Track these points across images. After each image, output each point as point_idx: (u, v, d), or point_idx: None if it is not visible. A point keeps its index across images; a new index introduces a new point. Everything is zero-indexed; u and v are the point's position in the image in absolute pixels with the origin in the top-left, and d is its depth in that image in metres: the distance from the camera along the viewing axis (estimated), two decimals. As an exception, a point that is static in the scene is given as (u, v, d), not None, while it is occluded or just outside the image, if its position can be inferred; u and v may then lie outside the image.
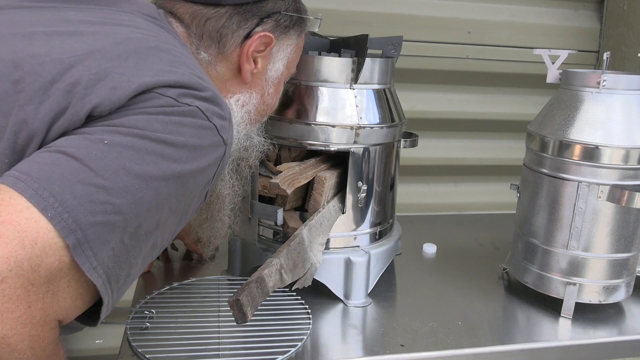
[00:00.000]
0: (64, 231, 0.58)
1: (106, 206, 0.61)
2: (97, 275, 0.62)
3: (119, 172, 0.62)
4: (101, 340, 1.75)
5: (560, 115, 1.13)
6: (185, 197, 0.72)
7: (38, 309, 0.58)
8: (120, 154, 0.63)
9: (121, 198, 0.62)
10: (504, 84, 1.94)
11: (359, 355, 1.00)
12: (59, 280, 0.60)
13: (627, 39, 1.83)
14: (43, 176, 0.59)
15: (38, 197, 0.58)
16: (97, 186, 0.61)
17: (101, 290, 0.63)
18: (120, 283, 0.67)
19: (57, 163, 0.60)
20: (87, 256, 0.60)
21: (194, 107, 0.70)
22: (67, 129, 0.65)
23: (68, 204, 0.59)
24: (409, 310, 1.15)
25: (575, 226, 1.11)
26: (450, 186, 2.00)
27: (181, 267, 1.32)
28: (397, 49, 1.25)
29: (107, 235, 0.62)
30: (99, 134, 0.64)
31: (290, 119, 1.12)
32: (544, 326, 1.12)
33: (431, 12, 1.82)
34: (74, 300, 0.62)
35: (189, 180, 0.70)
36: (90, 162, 0.61)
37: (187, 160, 0.69)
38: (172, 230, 0.75)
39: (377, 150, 1.16)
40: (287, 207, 1.18)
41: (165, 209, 0.68)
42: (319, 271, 1.11)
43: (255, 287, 0.88)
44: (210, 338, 0.98)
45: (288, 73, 1.00)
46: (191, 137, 0.69)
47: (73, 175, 0.60)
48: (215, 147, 0.73)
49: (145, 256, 0.71)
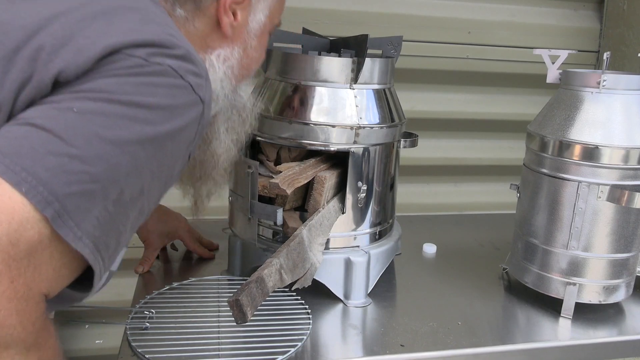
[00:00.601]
0: (40, 204, 0.57)
1: (82, 175, 0.60)
2: (83, 245, 0.61)
3: (91, 140, 0.61)
4: (101, 340, 1.75)
5: (560, 115, 1.13)
6: (166, 160, 0.70)
7: (21, 284, 0.57)
8: (91, 120, 0.62)
9: (96, 166, 0.61)
10: (504, 84, 1.94)
11: (359, 355, 1.00)
12: (41, 253, 0.59)
13: (627, 39, 1.83)
14: (13, 151, 0.58)
15: (10, 172, 0.57)
16: (70, 156, 0.60)
17: (90, 259, 0.62)
18: (110, 251, 0.66)
19: (26, 136, 0.59)
20: (69, 227, 0.59)
21: (166, 67, 0.67)
22: (34, 98, 0.63)
23: (42, 176, 0.57)
24: (409, 310, 1.15)
25: (575, 226, 1.11)
26: (450, 186, 2.00)
27: (181, 267, 1.32)
28: (397, 49, 1.25)
29: (87, 205, 0.61)
30: (67, 102, 0.62)
31: (290, 119, 1.12)
32: (544, 326, 1.12)
33: (431, 12, 1.82)
34: (57, 271, 0.61)
35: (167, 142, 0.68)
36: (61, 132, 0.60)
37: (162, 122, 0.67)
38: (159, 195, 0.74)
39: (377, 150, 1.16)
40: (287, 207, 1.18)
41: (146, 173, 0.67)
42: (319, 271, 1.11)
43: (255, 287, 0.88)
44: (210, 338, 0.98)
45: (271, 24, 0.96)
46: (164, 98, 0.67)
47: (44, 147, 0.59)
48: (191, 106, 0.71)
49: (133, 222, 0.70)
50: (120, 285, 1.74)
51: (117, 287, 1.75)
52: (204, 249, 1.36)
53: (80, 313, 1.67)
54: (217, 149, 0.93)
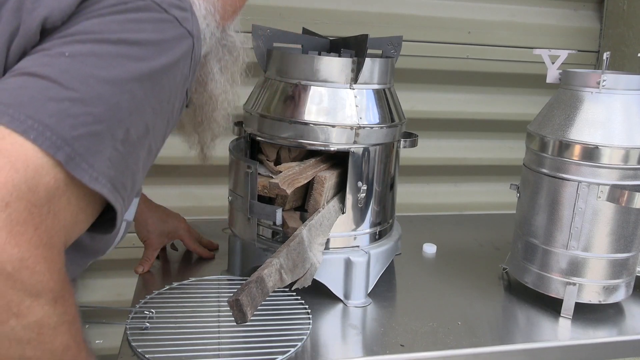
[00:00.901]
0: (51, 149, 0.57)
1: (86, 117, 0.61)
2: (100, 185, 0.62)
3: (88, 82, 0.62)
4: (101, 340, 1.75)
5: (560, 115, 1.13)
6: (164, 96, 0.71)
7: (43, 230, 0.57)
8: (84, 63, 0.62)
9: (98, 107, 0.62)
10: (504, 84, 1.94)
11: (359, 355, 1.00)
12: (59, 199, 0.59)
13: (627, 39, 1.83)
14: (14, 101, 0.58)
15: (16, 122, 0.57)
16: (71, 100, 0.60)
17: (110, 198, 0.63)
18: (128, 191, 0.67)
19: (24, 86, 0.60)
20: (83, 169, 0.60)
21: (148, 2, 0.68)
22: (25, 49, 0.64)
23: (47, 122, 0.58)
24: (409, 310, 1.15)
25: (575, 226, 1.11)
26: (450, 186, 2.00)
27: (181, 267, 1.32)
28: (397, 49, 1.25)
29: (97, 146, 0.61)
30: (57, 48, 0.63)
31: (290, 119, 1.12)
32: (544, 326, 1.12)
33: (431, 12, 1.83)
34: (75, 217, 0.62)
35: (162, 77, 0.69)
36: (58, 78, 0.60)
37: (154, 57, 0.67)
38: (163, 133, 0.75)
39: (377, 150, 1.16)
40: (286, 207, 1.18)
41: (147, 110, 0.68)
42: (319, 271, 1.11)
43: (255, 287, 0.88)
44: (210, 338, 0.98)
45: None
46: (152, 33, 0.68)
47: (43, 94, 0.59)
48: (180, 39, 0.71)
49: (145, 162, 0.71)
50: (120, 285, 1.75)
51: (117, 287, 1.76)
52: (203, 248, 1.36)
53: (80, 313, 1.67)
54: (214, 90, 0.93)
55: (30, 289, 0.56)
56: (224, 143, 1.20)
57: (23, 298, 0.55)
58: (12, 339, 0.55)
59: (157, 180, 1.68)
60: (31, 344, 0.57)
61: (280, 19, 1.69)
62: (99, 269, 1.73)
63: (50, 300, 0.58)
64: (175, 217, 1.33)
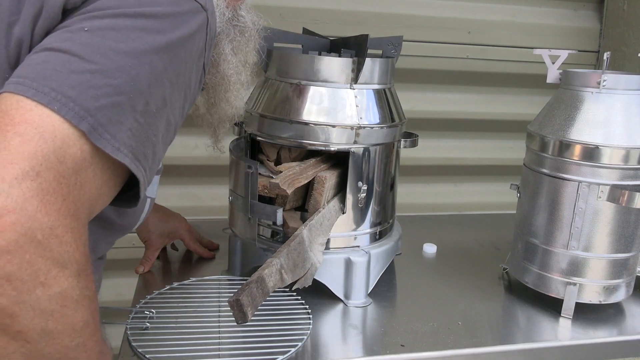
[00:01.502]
0: (75, 119, 0.59)
1: (107, 89, 0.62)
2: (123, 155, 0.63)
3: (108, 54, 0.63)
4: (101, 340, 1.75)
5: (561, 115, 1.13)
6: (181, 69, 0.72)
7: (71, 201, 0.58)
8: (103, 36, 0.64)
9: (118, 78, 0.63)
10: (504, 84, 1.94)
11: (359, 355, 1.00)
12: (85, 171, 0.61)
13: (627, 39, 1.83)
14: (38, 75, 0.60)
15: (40, 94, 0.59)
16: (91, 72, 0.62)
17: (132, 167, 0.65)
18: (149, 162, 0.69)
19: (46, 60, 0.62)
20: (106, 139, 0.61)
21: None
22: (48, 29, 0.66)
23: (70, 94, 0.59)
24: (409, 310, 1.15)
25: (576, 226, 1.11)
26: (450, 186, 2.01)
27: (181, 267, 1.32)
28: (397, 49, 1.25)
29: (118, 117, 0.63)
30: (77, 24, 0.65)
31: (290, 119, 1.12)
32: (544, 326, 1.12)
33: (431, 12, 1.83)
34: (99, 189, 0.63)
35: (180, 50, 0.71)
36: (78, 51, 0.62)
37: (171, 29, 0.69)
38: (181, 106, 0.76)
39: (377, 150, 1.16)
40: (287, 207, 1.18)
41: (165, 83, 0.69)
42: (319, 271, 1.11)
43: (255, 287, 0.88)
44: (211, 338, 0.98)
45: None
46: (168, 6, 0.70)
47: (65, 67, 0.61)
48: (195, 13, 0.74)
49: (164, 135, 0.72)
50: (120, 285, 1.75)
51: (117, 287, 1.76)
52: (204, 249, 1.36)
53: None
54: (226, 70, 0.94)
55: (58, 258, 0.56)
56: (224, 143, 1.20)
57: (50, 267, 0.56)
58: (37, 308, 0.55)
59: (157, 180, 1.68)
60: (54, 316, 0.57)
61: (280, 19, 1.69)
62: (99, 269, 1.73)
63: (74, 273, 0.59)
64: (176, 218, 1.33)
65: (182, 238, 1.33)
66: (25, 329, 0.55)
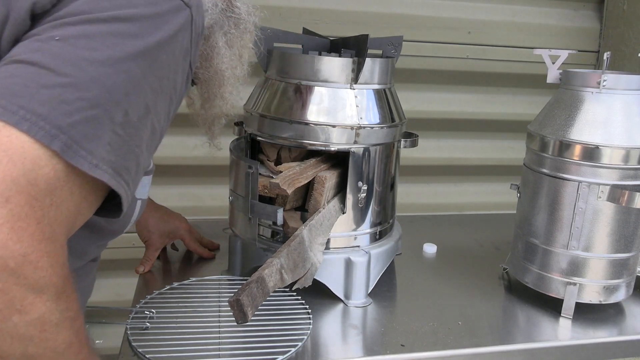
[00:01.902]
0: (46, 138, 0.56)
1: (80, 103, 0.58)
2: (101, 171, 0.60)
3: (81, 65, 0.59)
4: (101, 340, 1.75)
5: (561, 115, 1.13)
6: (164, 73, 0.68)
7: (46, 224, 0.56)
8: (75, 45, 0.60)
9: (92, 90, 0.59)
10: (504, 84, 1.94)
11: (359, 355, 1.00)
12: (60, 190, 0.58)
13: (627, 39, 1.83)
14: (6, 91, 0.56)
15: (8, 113, 0.55)
16: (63, 85, 0.58)
17: (112, 183, 0.62)
18: (132, 174, 0.66)
19: (15, 74, 0.58)
20: (81, 156, 0.58)
21: None
22: (17, 36, 0.62)
23: (40, 111, 0.56)
24: (409, 310, 1.15)
25: (576, 226, 1.11)
26: (451, 186, 2.01)
27: (181, 267, 1.32)
28: (397, 49, 1.25)
29: (94, 132, 0.59)
30: (47, 32, 0.60)
31: (290, 119, 1.12)
32: (544, 326, 1.12)
33: (431, 12, 1.83)
34: (77, 205, 0.61)
35: (160, 53, 0.66)
36: (48, 63, 0.58)
37: (149, 32, 0.65)
38: (167, 111, 0.72)
39: (377, 150, 1.16)
40: (287, 207, 1.18)
41: (146, 89, 0.65)
42: (319, 271, 1.11)
43: (255, 287, 0.88)
44: (211, 338, 0.98)
45: None
46: (146, 7, 0.65)
47: (34, 81, 0.57)
48: (176, 11, 0.69)
49: (149, 143, 0.69)
50: (120, 285, 1.75)
51: (117, 287, 1.76)
52: (204, 249, 1.36)
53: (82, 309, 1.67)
54: (219, 65, 0.89)
55: (34, 285, 0.55)
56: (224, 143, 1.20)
57: (26, 294, 0.55)
58: (15, 335, 0.54)
59: (157, 180, 1.67)
60: (33, 341, 0.56)
61: (280, 19, 1.69)
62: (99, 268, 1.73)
63: (52, 296, 0.57)
64: (176, 217, 1.33)
65: (183, 238, 1.33)
66: (4, 354, 0.55)
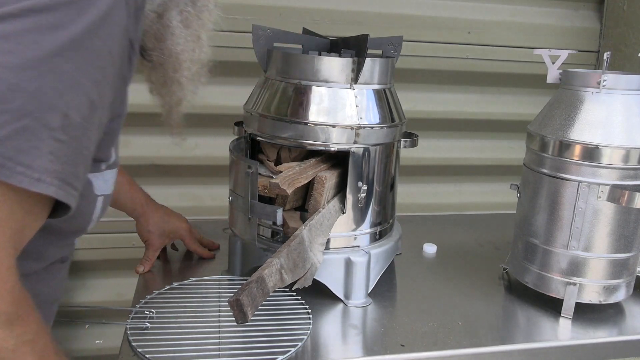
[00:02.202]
0: None
1: (4, 116, 0.52)
2: (45, 185, 0.55)
3: None
4: (101, 340, 1.75)
5: (561, 115, 1.13)
6: (102, 59, 0.61)
7: None
8: None
9: (15, 100, 0.53)
10: (504, 84, 1.94)
11: (359, 355, 1.00)
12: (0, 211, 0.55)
13: (627, 39, 1.83)
14: None
15: None
16: None
17: (60, 196, 0.57)
18: (81, 178, 0.61)
19: None
20: (19, 173, 0.53)
21: None
22: None
23: None
24: (409, 310, 1.15)
25: (576, 226, 1.11)
26: (450, 186, 2.00)
27: (181, 267, 1.32)
28: (397, 49, 1.26)
29: (29, 143, 0.54)
30: None
31: (290, 119, 1.12)
32: (544, 326, 1.12)
33: (431, 12, 1.82)
34: (21, 221, 0.57)
35: (93, 40, 0.59)
36: None
37: (73, 19, 0.57)
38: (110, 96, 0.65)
39: (377, 150, 1.16)
40: (287, 207, 1.18)
41: (85, 84, 0.59)
42: (319, 271, 1.11)
43: (255, 287, 0.88)
44: (211, 338, 0.98)
45: None
46: None
47: None
48: None
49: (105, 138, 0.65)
50: (120, 285, 1.75)
51: (117, 287, 1.76)
52: (204, 249, 1.36)
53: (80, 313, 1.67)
54: (173, 47, 0.81)
55: None
56: (224, 143, 1.20)
57: None
58: None
59: (157, 180, 1.68)
60: None
61: (280, 19, 1.69)
62: (99, 269, 1.73)
63: (4, 324, 0.55)
64: (176, 217, 1.33)
65: (183, 238, 1.33)
66: None
